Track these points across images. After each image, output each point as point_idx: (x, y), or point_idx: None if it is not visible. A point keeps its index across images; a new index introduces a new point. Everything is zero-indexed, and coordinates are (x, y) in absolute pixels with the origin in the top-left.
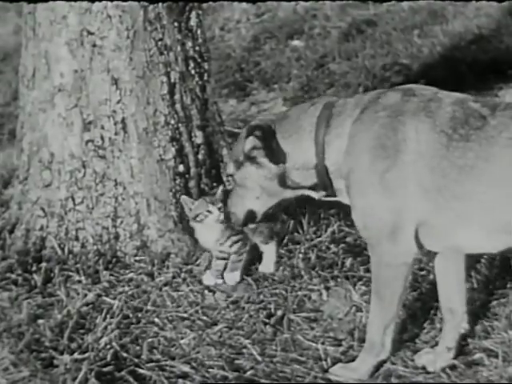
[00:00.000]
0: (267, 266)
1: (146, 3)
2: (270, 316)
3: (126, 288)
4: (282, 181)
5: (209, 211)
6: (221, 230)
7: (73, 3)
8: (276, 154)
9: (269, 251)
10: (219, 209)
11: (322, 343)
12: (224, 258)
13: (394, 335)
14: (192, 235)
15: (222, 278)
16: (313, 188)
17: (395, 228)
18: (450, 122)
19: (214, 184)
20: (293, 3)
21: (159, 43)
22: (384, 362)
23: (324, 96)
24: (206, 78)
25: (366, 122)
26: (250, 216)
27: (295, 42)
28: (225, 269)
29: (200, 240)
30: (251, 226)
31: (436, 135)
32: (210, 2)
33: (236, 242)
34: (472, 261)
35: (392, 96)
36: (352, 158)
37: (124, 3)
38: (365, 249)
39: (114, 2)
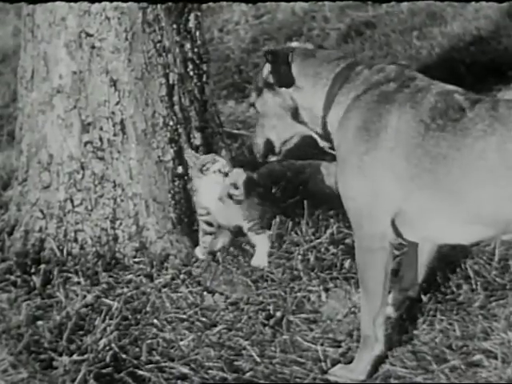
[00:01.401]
0: (260, 259)
1: (145, 4)
2: (269, 317)
3: (125, 289)
4: (295, 114)
5: (215, 160)
6: (223, 187)
7: (72, 5)
8: (283, 79)
9: (261, 243)
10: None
11: (322, 344)
12: (211, 233)
13: (390, 331)
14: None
15: (210, 253)
16: (319, 135)
17: (371, 211)
18: (430, 112)
19: None
20: (291, 4)
21: (158, 45)
22: (382, 361)
23: (348, 55)
24: (204, 79)
25: (361, 103)
26: (269, 146)
27: (294, 44)
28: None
29: (200, 199)
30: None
31: (415, 124)
32: (210, 4)
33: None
34: (471, 262)
35: (391, 85)
36: (341, 133)
37: (123, 5)
38: None
39: (113, 4)
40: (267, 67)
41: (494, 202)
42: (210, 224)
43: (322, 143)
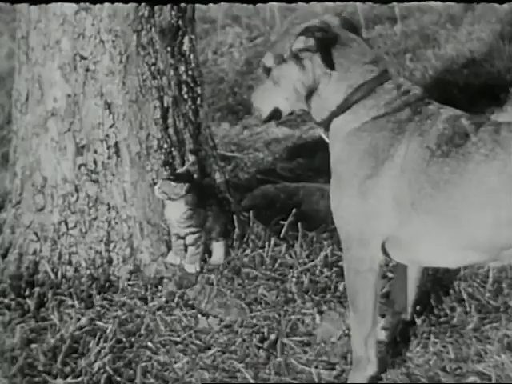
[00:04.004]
0: (218, 258)
1: (139, 27)
2: (263, 340)
3: (120, 312)
4: (310, 94)
5: (182, 190)
6: (187, 215)
7: (66, 28)
8: (331, 62)
9: (218, 247)
10: (187, 190)
11: (316, 367)
12: (183, 238)
13: (384, 353)
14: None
15: (185, 256)
16: (315, 122)
17: (363, 234)
18: (437, 139)
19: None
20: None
21: (152, 68)
22: (375, 383)
23: (380, 59)
24: (198, 102)
25: (376, 127)
26: (275, 114)
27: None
28: (185, 246)
29: (166, 211)
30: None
31: (421, 151)
32: (204, 25)
33: (191, 233)
34: (465, 285)
35: (405, 112)
36: (347, 150)
37: (117, 27)
38: None
39: (107, 27)
40: (303, 41)
41: (491, 227)
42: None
43: (322, 132)
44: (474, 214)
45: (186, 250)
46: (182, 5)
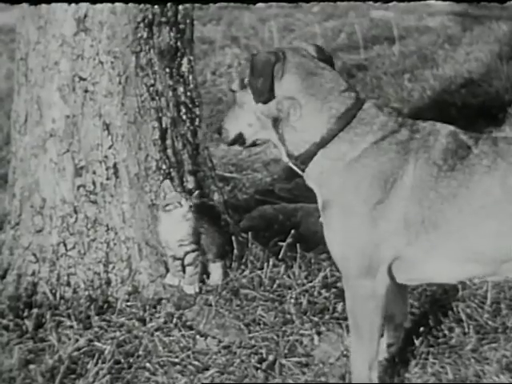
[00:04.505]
0: (216, 279)
1: (138, 48)
2: (261, 361)
3: (118, 333)
4: (276, 124)
5: (179, 203)
6: (187, 233)
7: (65, 49)
8: (258, 93)
9: (216, 269)
10: (190, 206)
11: None
12: (180, 259)
13: (382, 374)
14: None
15: (183, 277)
16: (289, 155)
17: (373, 261)
18: (442, 154)
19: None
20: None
21: (151, 89)
22: None
23: (350, 85)
24: (197, 123)
25: (380, 151)
26: (239, 139)
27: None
28: (183, 267)
29: (161, 233)
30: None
31: (429, 168)
32: (202, 46)
33: (192, 251)
34: (463, 305)
35: (403, 132)
36: (351, 179)
37: (116, 49)
38: None
39: (106, 48)
40: (248, 67)
41: (495, 237)
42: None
43: (287, 159)
44: (479, 225)
45: (183, 271)
46: (181, 26)
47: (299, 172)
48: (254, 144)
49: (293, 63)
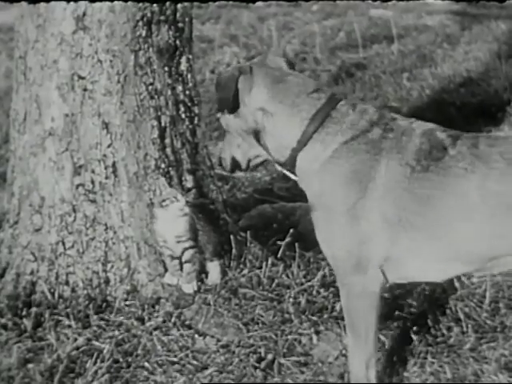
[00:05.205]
0: (214, 278)
1: (137, 47)
2: (260, 360)
3: (116, 332)
4: (258, 138)
5: (176, 198)
6: (184, 229)
7: (64, 48)
8: (222, 104)
9: (213, 266)
10: (187, 201)
11: None
12: (178, 258)
13: (381, 373)
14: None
15: (182, 275)
16: (279, 163)
17: (361, 259)
18: (415, 155)
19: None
20: (282, 46)
21: (150, 87)
22: None
23: (322, 86)
24: (196, 121)
25: (350, 151)
26: (235, 164)
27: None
28: (181, 265)
29: (159, 231)
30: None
31: (401, 168)
32: (201, 45)
33: (190, 248)
34: (462, 304)
35: (376, 131)
36: (326, 179)
37: (115, 47)
38: None
39: (105, 47)
40: None
41: (473, 239)
42: (172, 251)
43: (280, 168)
44: (457, 227)
45: (181, 270)
46: (180, 24)
47: (293, 177)
48: (250, 166)
49: (259, 75)
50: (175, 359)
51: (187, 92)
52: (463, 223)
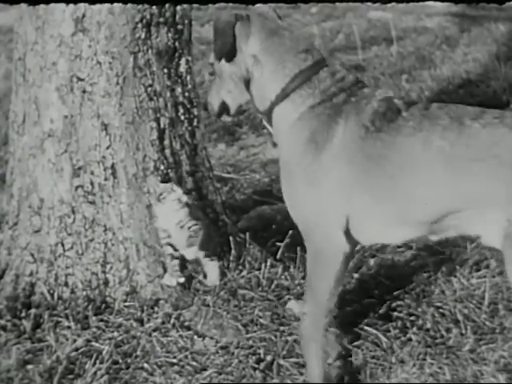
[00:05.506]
0: (213, 279)
1: (136, 49)
2: (259, 361)
3: (116, 333)
4: (247, 85)
5: (172, 189)
6: (185, 215)
7: (63, 50)
8: (219, 51)
9: (212, 267)
10: (183, 192)
11: None
12: (177, 258)
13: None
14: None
15: (182, 276)
16: (259, 112)
17: (321, 220)
18: (372, 116)
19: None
20: None
21: (149, 89)
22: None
23: (314, 48)
24: (195, 123)
25: (313, 115)
26: (223, 107)
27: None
28: (181, 268)
29: (160, 225)
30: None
31: (357, 129)
32: (200, 47)
33: (193, 225)
34: (460, 306)
35: (341, 96)
36: (289, 142)
37: (114, 49)
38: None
39: (104, 49)
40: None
41: (418, 200)
42: (174, 248)
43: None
44: (402, 187)
45: (181, 271)
46: (179, 26)
47: (271, 130)
48: (239, 111)
49: (257, 24)
50: (174, 360)
51: (186, 94)
52: (407, 182)
